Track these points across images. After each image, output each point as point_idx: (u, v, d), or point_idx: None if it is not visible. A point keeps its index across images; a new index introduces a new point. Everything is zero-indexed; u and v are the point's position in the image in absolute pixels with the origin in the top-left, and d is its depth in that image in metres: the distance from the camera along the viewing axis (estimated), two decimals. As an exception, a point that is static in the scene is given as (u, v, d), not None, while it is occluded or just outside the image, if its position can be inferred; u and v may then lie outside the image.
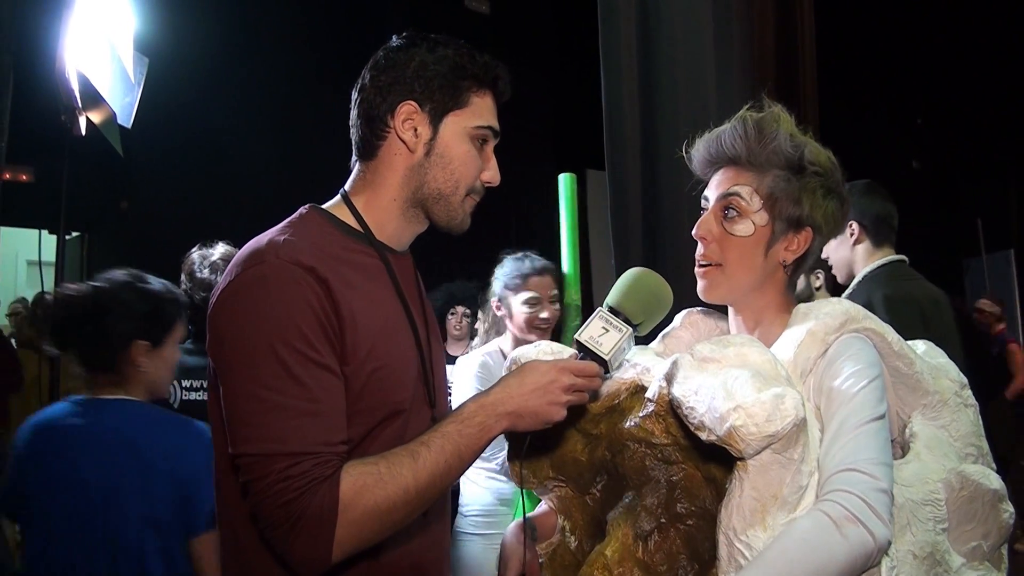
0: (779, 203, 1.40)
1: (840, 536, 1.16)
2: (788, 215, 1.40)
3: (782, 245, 1.42)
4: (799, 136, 1.43)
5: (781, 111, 1.44)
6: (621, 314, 1.40)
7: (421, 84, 1.39)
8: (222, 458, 1.34)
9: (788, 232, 1.42)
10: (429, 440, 1.28)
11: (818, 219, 1.41)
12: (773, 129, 1.41)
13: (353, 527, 1.21)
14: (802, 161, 1.41)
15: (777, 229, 1.41)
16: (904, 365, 1.42)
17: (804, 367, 1.34)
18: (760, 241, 1.42)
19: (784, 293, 1.47)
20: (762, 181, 1.41)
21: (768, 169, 1.41)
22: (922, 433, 1.42)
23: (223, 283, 1.30)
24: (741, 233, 1.42)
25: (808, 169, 1.41)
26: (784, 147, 1.40)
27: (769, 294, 1.45)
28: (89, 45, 2.60)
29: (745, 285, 1.44)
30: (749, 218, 1.41)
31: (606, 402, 1.47)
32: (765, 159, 1.41)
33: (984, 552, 1.41)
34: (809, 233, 1.42)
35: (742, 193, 1.41)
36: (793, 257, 1.43)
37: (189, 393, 2.77)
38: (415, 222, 1.46)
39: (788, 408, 1.18)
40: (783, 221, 1.41)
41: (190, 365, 2.78)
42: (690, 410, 1.26)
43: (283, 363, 1.22)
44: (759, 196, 1.41)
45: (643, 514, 1.36)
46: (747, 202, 1.41)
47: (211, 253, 2.77)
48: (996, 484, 1.40)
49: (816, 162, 1.41)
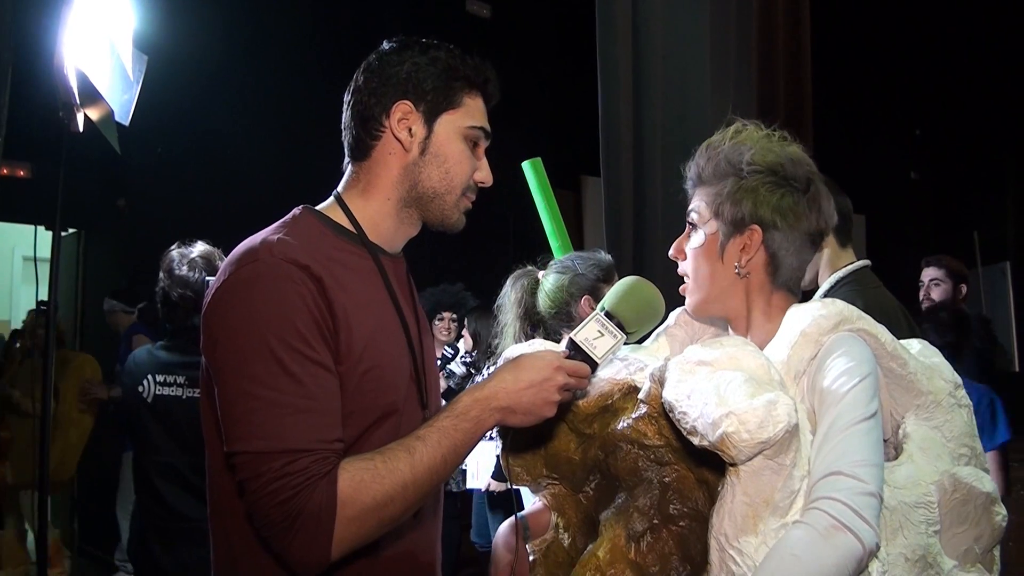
0: (721, 208, 1.44)
1: (828, 546, 1.16)
2: (731, 217, 1.44)
3: (734, 248, 1.45)
4: (751, 142, 1.46)
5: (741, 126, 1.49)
6: (615, 319, 1.40)
7: (415, 84, 1.41)
8: (216, 457, 1.33)
9: (734, 234, 1.44)
10: (425, 435, 1.28)
11: (765, 214, 1.42)
12: (719, 143, 1.47)
13: (352, 524, 1.21)
14: (741, 164, 1.44)
15: (723, 233, 1.45)
16: (898, 366, 1.42)
17: (798, 368, 1.35)
18: (711, 248, 1.46)
19: (765, 294, 1.47)
20: (710, 193, 1.46)
21: (720, 181, 1.46)
22: (915, 434, 1.42)
23: (217, 282, 1.30)
24: (694, 244, 1.49)
25: (745, 169, 1.44)
26: (728, 156, 1.45)
27: (748, 299, 1.47)
28: (88, 42, 2.59)
29: (712, 293, 1.48)
30: (701, 229, 1.48)
31: (599, 402, 1.47)
32: (715, 173, 1.46)
33: (976, 555, 1.41)
34: (756, 230, 1.43)
35: (697, 208, 1.49)
36: (747, 257, 1.45)
37: (163, 388, 2.80)
38: (408, 223, 1.47)
39: (781, 414, 1.18)
40: (727, 224, 1.44)
41: (165, 360, 2.81)
42: (683, 415, 1.26)
43: (278, 360, 1.22)
44: (708, 207, 1.46)
45: (635, 515, 1.36)
46: (699, 215, 1.48)
47: (190, 251, 2.81)
48: (989, 487, 1.41)
49: (755, 161, 1.44)
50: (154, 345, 2.93)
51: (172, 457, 2.74)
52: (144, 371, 2.83)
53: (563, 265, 2.46)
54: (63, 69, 2.55)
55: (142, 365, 2.86)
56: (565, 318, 2.38)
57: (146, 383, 2.81)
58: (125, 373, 2.95)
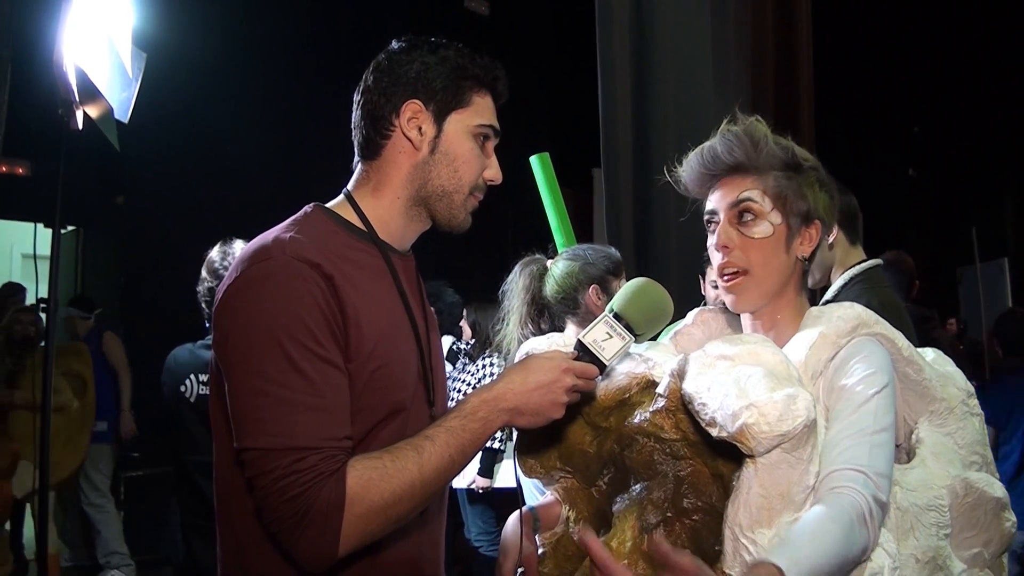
0: (788, 201, 1.42)
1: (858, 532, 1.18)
2: (799, 210, 1.43)
3: (798, 241, 1.45)
4: (780, 138, 1.47)
5: (760, 120, 1.48)
6: (624, 321, 1.40)
7: (424, 83, 1.41)
8: (224, 453, 1.34)
9: (801, 227, 1.44)
10: (433, 435, 1.28)
11: (821, 211, 1.45)
12: (761, 133, 1.44)
13: (359, 521, 1.21)
14: (796, 158, 1.44)
15: (792, 225, 1.43)
16: (913, 371, 1.43)
17: (815, 369, 1.35)
18: (780, 240, 1.43)
19: (800, 293, 1.49)
20: (767, 182, 1.43)
21: (767, 171, 1.43)
22: (928, 439, 1.43)
23: (228, 279, 1.30)
24: (762, 235, 1.43)
25: (803, 165, 1.44)
26: (775, 149, 1.44)
27: (789, 294, 1.47)
28: (87, 40, 2.59)
29: (773, 286, 1.45)
30: (766, 219, 1.42)
31: (616, 396, 1.47)
32: (763, 162, 1.43)
33: (985, 559, 1.41)
34: (818, 225, 1.46)
35: (753, 196, 1.42)
36: (810, 250, 1.46)
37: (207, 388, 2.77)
38: (417, 221, 1.47)
39: (800, 408, 1.18)
40: (796, 217, 1.43)
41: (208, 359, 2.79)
42: (702, 406, 1.26)
43: (289, 358, 1.22)
44: (768, 197, 1.43)
45: (649, 507, 1.36)
46: (760, 204, 1.42)
47: (231, 250, 2.76)
48: (999, 493, 1.41)
49: (807, 158, 1.46)
50: (195, 344, 2.87)
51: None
52: (187, 371, 2.79)
53: (574, 253, 2.46)
54: (62, 67, 2.55)
55: (184, 365, 2.81)
56: (571, 305, 2.38)
57: (189, 383, 2.77)
58: (167, 373, 2.88)
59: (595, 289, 2.36)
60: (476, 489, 4.42)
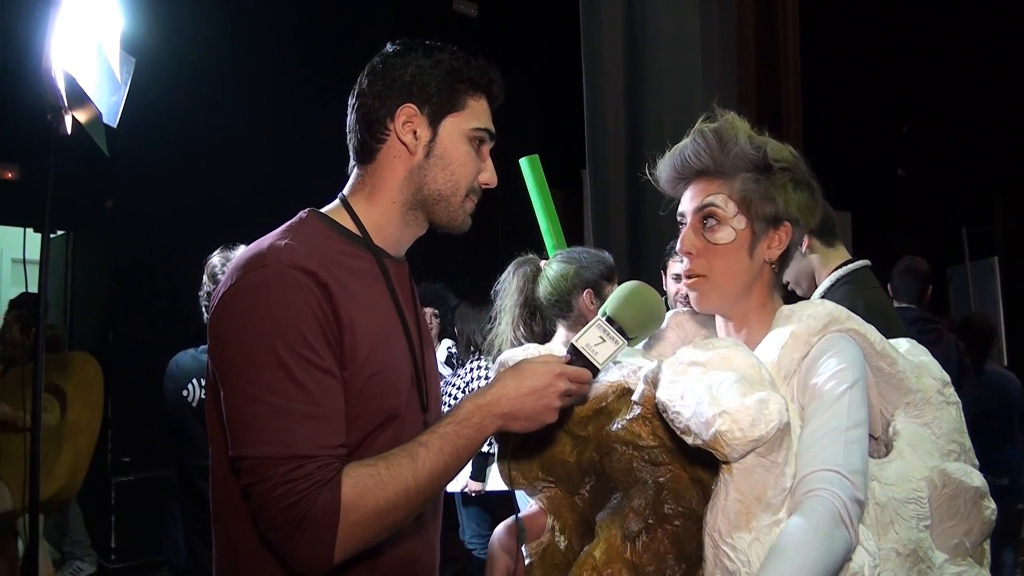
0: (753, 204, 1.42)
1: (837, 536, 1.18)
2: (765, 214, 1.42)
3: (764, 244, 1.44)
4: (757, 137, 1.45)
5: (735, 117, 1.47)
6: (617, 324, 1.40)
7: (419, 87, 1.41)
8: (219, 460, 1.34)
9: (768, 230, 1.44)
10: (428, 441, 1.29)
11: (793, 211, 1.44)
12: (732, 134, 1.43)
13: (355, 529, 1.22)
14: (766, 159, 1.43)
15: (757, 230, 1.43)
16: (887, 365, 1.44)
17: (788, 368, 1.36)
18: (742, 245, 1.43)
19: (770, 293, 1.48)
20: (733, 186, 1.42)
21: (736, 174, 1.42)
22: (905, 431, 1.44)
23: (224, 286, 1.30)
24: (723, 241, 1.43)
25: (774, 166, 1.43)
26: (746, 149, 1.42)
27: (757, 296, 1.47)
28: (76, 44, 2.59)
29: (734, 291, 1.45)
30: (728, 224, 1.42)
31: (593, 404, 1.47)
32: (731, 165, 1.43)
33: (967, 548, 1.42)
34: (788, 227, 1.44)
35: (716, 202, 1.43)
36: (778, 253, 1.45)
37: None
38: (414, 225, 1.47)
39: (772, 413, 1.19)
40: (761, 221, 1.43)
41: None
42: (676, 415, 1.26)
43: (284, 366, 1.22)
44: (733, 201, 1.42)
45: (631, 515, 1.36)
46: (723, 209, 1.42)
47: (232, 256, 2.76)
48: (978, 482, 1.42)
49: (779, 158, 1.43)
50: (197, 349, 2.88)
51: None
52: (189, 375, 2.79)
53: (569, 256, 2.46)
54: (51, 71, 2.54)
55: (187, 370, 2.81)
56: (564, 307, 2.38)
57: (191, 387, 2.77)
58: (168, 378, 2.89)
59: (589, 293, 2.36)
60: (469, 493, 4.43)
